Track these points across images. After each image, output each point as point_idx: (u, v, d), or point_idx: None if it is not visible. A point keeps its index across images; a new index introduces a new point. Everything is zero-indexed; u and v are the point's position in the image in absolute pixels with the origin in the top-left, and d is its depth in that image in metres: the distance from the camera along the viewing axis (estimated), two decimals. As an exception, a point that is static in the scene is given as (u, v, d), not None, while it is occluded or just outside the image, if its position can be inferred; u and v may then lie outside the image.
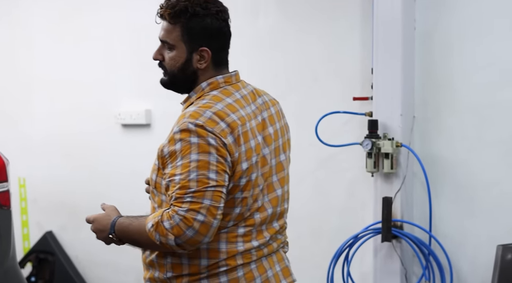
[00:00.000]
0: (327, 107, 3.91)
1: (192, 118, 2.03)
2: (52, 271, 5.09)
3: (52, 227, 5.32)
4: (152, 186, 2.17)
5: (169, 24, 2.15)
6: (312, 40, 4.04)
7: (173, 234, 1.95)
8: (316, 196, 4.09)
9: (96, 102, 5.02)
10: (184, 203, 1.95)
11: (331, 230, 4.04)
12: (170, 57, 2.17)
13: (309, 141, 3.92)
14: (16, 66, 5.46)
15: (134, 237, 2.10)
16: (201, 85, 2.18)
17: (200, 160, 1.98)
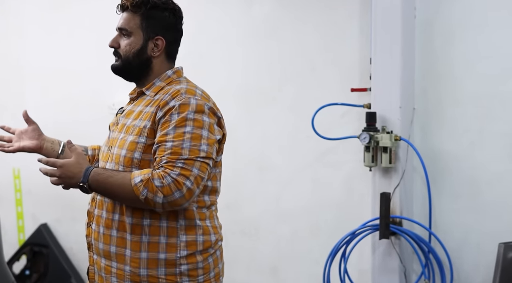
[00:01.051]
0: (325, 98, 3.78)
1: (190, 94, 2.20)
2: (46, 264, 5.00)
3: (47, 219, 5.23)
4: (134, 164, 2.20)
5: (130, 13, 2.32)
6: (308, 29, 3.91)
7: (162, 193, 2.06)
8: (313, 190, 3.97)
9: (90, 92, 4.90)
10: (176, 167, 2.08)
11: (329, 226, 3.92)
12: (126, 43, 2.32)
13: (306, 133, 3.80)
14: (8, 55, 5.36)
15: (112, 188, 2.14)
16: (167, 73, 2.35)
17: (194, 133, 2.13)
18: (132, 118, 2.29)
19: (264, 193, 4.15)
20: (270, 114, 4.09)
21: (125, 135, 2.26)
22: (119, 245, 2.24)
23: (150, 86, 2.33)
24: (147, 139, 2.20)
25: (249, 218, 4.23)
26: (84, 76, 4.93)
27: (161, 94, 2.26)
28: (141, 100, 2.33)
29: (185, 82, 2.32)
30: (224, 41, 4.23)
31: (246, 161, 4.19)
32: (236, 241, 4.27)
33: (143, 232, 2.21)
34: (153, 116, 2.20)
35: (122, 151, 2.23)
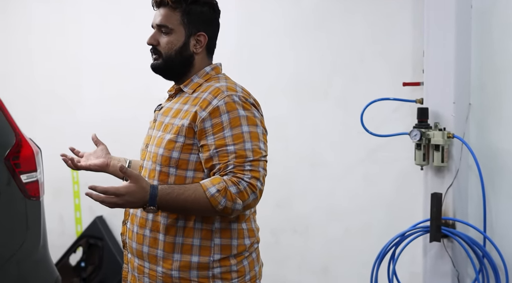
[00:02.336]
0: (375, 92, 3.64)
1: (232, 91, 2.13)
2: (101, 257, 5.02)
3: (103, 212, 5.26)
4: (172, 164, 2.15)
5: (169, 9, 2.21)
6: (358, 21, 3.75)
7: (240, 199, 2.02)
8: (364, 188, 3.83)
9: (142, 87, 4.88)
10: (245, 171, 2.04)
11: (380, 225, 3.78)
12: (167, 41, 2.22)
13: (357, 129, 3.64)
14: (65, 50, 5.40)
15: (185, 205, 2.06)
16: (205, 69, 2.26)
17: (251, 131, 2.09)
18: (170, 116, 2.22)
19: (315, 190, 4.03)
20: (320, 109, 3.96)
21: (163, 134, 2.19)
22: (152, 246, 2.18)
23: (188, 82, 2.25)
24: (185, 138, 2.13)
25: (300, 216, 4.12)
26: (137, 70, 4.90)
27: (199, 92, 2.19)
28: (179, 98, 2.26)
29: (224, 79, 2.25)
30: (274, 33, 4.12)
31: (297, 158, 4.08)
32: (287, 239, 4.18)
33: (177, 233, 2.15)
34: (192, 115, 2.12)
35: (160, 150, 2.17)
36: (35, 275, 3.35)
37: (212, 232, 2.15)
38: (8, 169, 3.14)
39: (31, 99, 5.67)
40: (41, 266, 3.38)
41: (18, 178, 3.18)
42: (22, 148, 3.25)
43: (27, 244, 3.25)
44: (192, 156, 2.13)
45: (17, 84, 5.77)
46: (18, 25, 5.74)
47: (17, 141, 3.22)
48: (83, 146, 5.28)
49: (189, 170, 2.13)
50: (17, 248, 3.21)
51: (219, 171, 2.06)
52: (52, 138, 5.52)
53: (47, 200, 5.57)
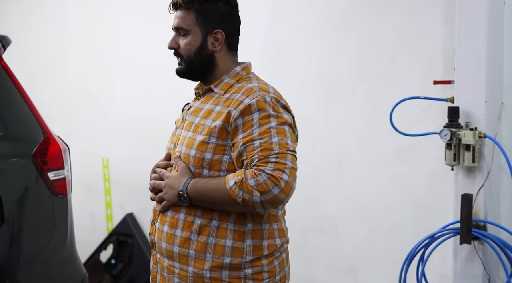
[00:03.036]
0: (405, 91, 3.57)
1: (264, 91, 2.12)
2: (131, 254, 5.04)
3: (133, 209, 5.28)
4: (205, 165, 2.14)
5: (183, 10, 2.22)
6: (387, 18, 3.69)
7: (259, 191, 1.98)
8: (393, 188, 3.76)
9: (173, 85, 4.86)
10: (269, 163, 2.00)
11: (409, 225, 3.71)
12: (185, 43, 2.22)
13: (386, 128, 3.57)
14: (98, 48, 5.43)
15: (210, 196, 2.09)
16: (236, 70, 2.25)
17: (279, 128, 2.07)
18: (200, 116, 2.19)
19: (343, 189, 3.98)
20: (348, 107, 3.90)
21: (194, 134, 2.17)
22: (183, 246, 2.16)
23: (219, 82, 2.23)
24: (218, 139, 2.12)
25: (328, 216, 4.07)
26: (168, 68, 4.88)
27: (231, 93, 2.18)
28: (209, 97, 2.24)
29: (255, 80, 2.23)
30: (303, 31, 4.07)
31: (324, 157, 4.03)
32: (315, 239, 4.14)
33: (210, 233, 2.13)
34: (225, 116, 2.11)
35: (192, 151, 2.15)
36: (62, 273, 3.36)
37: (244, 233, 2.14)
38: (35, 166, 3.15)
39: (65, 98, 5.73)
40: (68, 263, 3.39)
41: (45, 175, 3.19)
42: (50, 145, 3.26)
43: (54, 241, 3.26)
44: (225, 157, 2.12)
45: (51, 83, 5.84)
46: (52, 23, 5.80)
47: (44, 138, 3.23)
48: (114, 144, 5.35)
49: (222, 171, 2.12)
50: (44, 246, 3.23)
51: (246, 166, 2.05)
52: (85, 136, 5.57)
53: (78, 197, 5.66)
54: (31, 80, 5.92)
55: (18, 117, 3.21)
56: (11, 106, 3.20)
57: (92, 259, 5.25)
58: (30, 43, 5.99)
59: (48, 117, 5.76)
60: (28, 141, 3.19)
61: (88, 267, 5.17)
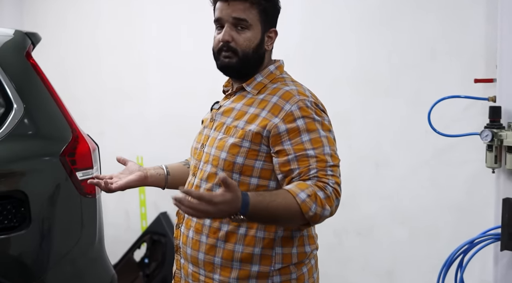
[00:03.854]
0: (445, 89, 3.44)
1: (303, 96, 2.04)
2: (164, 253, 4.99)
3: (167, 208, 5.23)
4: (235, 169, 2.04)
5: (247, 3, 2.07)
6: (427, 15, 3.56)
7: (328, 204, 1.91)
8: (431, 190, 3.63)
9: (208, 80, 4.80)
10: (328, 175, 1.94)
11: (448, 229, 3.58)
12: (245, 38, 2.08)
13: (425, 127, 3.45)
14: (132, 45, 5.41)
15: (276, 213, 1.88)
16: (269, 68, 2.15)
17: (328, 137, 2.01)
18: (232, 118, 2.10)
19: (379, 190, 3.86)
20: (386, 105, 3.78)
21: (225, 136, 2.08)
22: (208, 253, 2.08)
23: (251, 81, 2.13)
24: (251, 144, 2.02)
25: (364, 217, 3.95)
26: (202, 65, 4.84)
27: (266, 94, 2.08)
28: (241, 97, 2.14)
29: (290, 81, 2.15)
30: (339, 26, 3.96)
31: (360, 156, 3.91)
32: (351, 241, 4.03)
33: (237, 241, 2.05)
34: (261, 121, 2.02)
35: (222, 154, 2.06)
36: (91, 273, 3.32)
37: (274, 241, 2.05)
38: (63, 166, 3.11)
39: (99, 95, 5.72)
40: (96, 263, 3.35)
41: (73, 175, 3.15)
42: (79, 144, 3.21)
43: (82, 241, 3.22)
44: (258, 163, 2.03)
45: (85, 80, 5.84)
46: (87, 20, 5.80)
47: (73, 137, 3.18)
48: (148, 142, 5.31)
49: (253, 177, 2.04)
50: (73, 246, 3.18)
51: (299, 176, 1.95)
52: (119, 134, 5.55)
53: (113, 195, 5.63)
54: (66, 77, 5.95)
55: (46, 116, 3.16)
56: (39, 105, 3.15)
57: (126, 258, 5.22)
58: (65, 41, 6.01)
59: (82, 114, 5.81)
60: (56, 140, 3.14)
61: (122, 266, 5.16)
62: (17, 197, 2.95)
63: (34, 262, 3.04)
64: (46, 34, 6.14)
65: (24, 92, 3.09)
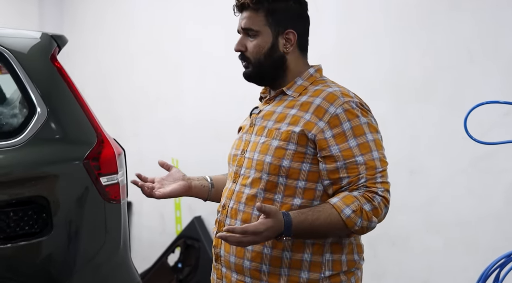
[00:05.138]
0: (484, 93, 3.28)
1: (348, 97, 2.01)
2: (197, 258, 4.94)
3: (201, 212, 5.18)
4: (282, 173, 2.01)
5: (252, 11, 2.09)
6: (465, 17, 3.40)
7: (375, 216, 1.92)
8: (468, 199, 3.47)
9: (241, 84, 4.70)
10: (378, 183, 1.93)
11: (487, 241, 3.41)
12: (254, 45, 2.09)
13: (462, 134, 3.25)
14: (167, 48, 5.39)
15: (320, 230, 1.94)
16: (309, 71, 2.13)
17: (375, 139, 1.99)
18: (274, 121, 2.07)
19: (414, 199, 3.72)
20: (420, 110, 3.64)
21: (268, 139, 2.05)
22: (255, 260, 2.03)
23: (292, 85, 2.11)
24: (297, 146, 2.00)
25: (398, 227, 3.81)
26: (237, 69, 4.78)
27: (308, 96, 2.06)
28: (282, 101, 2.11)
29: (331, 82, 2.12)
30: (372, 28, 3.84)
31: (394, 162, 3.75)
32: (385, 251, 3.90)
33: (284, 247, 2.00)
34: (305, 123, 2.00)
35: (267, 157, 2.02)
36: (115, 279, 3.27)
37: (323, 247, 2.02)
38: (87, 171, 3.06)
39: (134, 98, 5.71)
40: (121, 269, 3.30)
41: (97, 180, 3.10)
42: (103, 149, 3.16)
43: (106, 247, 3.17)
44: (304, 165, 2.00)
45: (121, 83, 5.84)
46: (123, 23, 5.81)
47: (98, 141, 3.14)
48: (184, 145, 5.26)
49: (300, 180, 2.01)
50: (96, 252, 3.15)
51: (349, 185, 1.95)
52: (154, 136, 5.53)
53: (149, 199, 5.60)
54: (103, 78, 5.97)
55: (70, 120, 3.12)
56: (63, 108, 3.12)
57: (160, 262, 5.19)
58: (102, 42, 6.04)
59: (118, 115, 5.82)
60: (80, 144, 3.10)
61: (156, 270, 5.14)
62: (39, 202, 2.92)
63: (56, 268, 3.02)
64: (84, 35, 6.21)
65: (48, 96, 3.06)
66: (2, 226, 2.83)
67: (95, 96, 5.97)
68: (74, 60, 6.33)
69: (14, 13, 6.20)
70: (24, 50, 3.11)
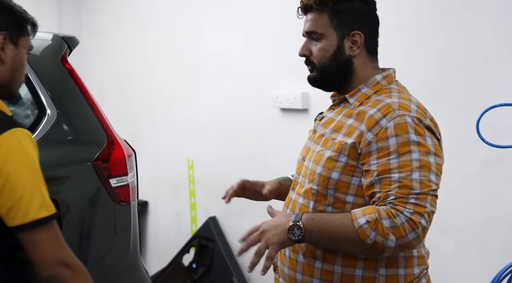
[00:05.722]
0: (498, 96, 3.22)
1: (405, 110, 1.88)
2: (211, 259, 4.93)
3: (216, 212, 5.16)
4: (330, 185, 1.93)
5: (315, 12, 2.00)
6: (480, 16, 3.34)
7: (395, 235, 1.77)
8: (482, 203, 3.42)
9: (257, 85, 4.72)
10: (408, 204, 1.79)
11: (499, 246, 3.36)
12: (319, 48, 2.00)
13: (476, 136, 3.22)
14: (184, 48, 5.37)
15: (333, 234, 1.84)
16: (375, 78, 2.02)
17: (422, 160, 1.83)
18: (331, 129, 2.00)
19: (427, 202, 3.67)
20: (433, 111, 3.53)
21: (323, 149, 1.98)
22: (306, 273, 1.99)
23: (355, 92, 2.01)
24: (348, 159, 1.91)
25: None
26: (251, 67, 4.77)
27: (366, 106, 1.95)
28: (343, 108, 2.03)
29: (396, 92, 1.98)
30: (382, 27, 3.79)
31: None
32: (397, 253, 3.85)
33: (335, 261, 1.94)
34: (358, 135, 1.90)
35: (318, 168, 1.96)
36: (125, 281, 3.28)
37: (377, 261, 1.92)
38: (96, 173, 3.07)
39: (151, 98, 5.71)
40: (131, 271, 3.31)
41: (107, 182, 3.11)
42: (113, 150, 3.17)
43: (115, 249, 3.18)
44: (354, 179, 1.92)
45: (139, 83, 5.85)
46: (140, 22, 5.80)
47: (108, 143, 3.15)
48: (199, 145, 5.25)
49: (349, 194, 1.93)
50: (106, 253, 3.16)
51: (378, 200, 1.83)
52: (171, 137, 5.53)
53: (166, 197, 5.64)
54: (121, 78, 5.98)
55: (80, 121, 3.14)
56: (73, 110, 3.13)
57: (174, 262, 5.19)
58: (120, 42, 6.05)
59: (136, 115, 5.83)
60: (90, 146, 3.11)
61: (171, 270, 5.14)
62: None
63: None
64: (102, 36, 6.23)
65: (58, 98, 3.07)
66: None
67: (113, 96, 6.00)
68: (93, 60, 6.37)
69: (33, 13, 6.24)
70: (35, 52, 3.10)
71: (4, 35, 1.86)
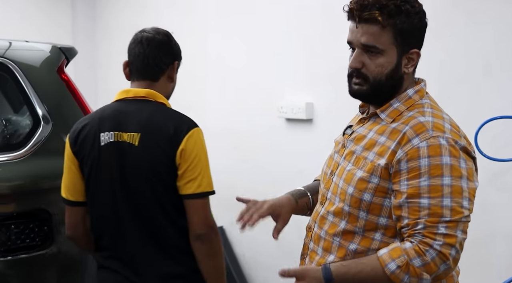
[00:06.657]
0: (499, 108, 3.19)
1: (439, 131, 1.81)
2: (218, 269, 4.89)
3: (224, 222, 5.13)
4: (362, 207, 1.89)
5: (378, 26, 1.86)
6: (483, 26, 3.29)
7: (427, 272, 1.74)
8: (483, 217, 3.34)
9: (262, 95, 4.71)
10: (438, 234, 1.74)
11: (501, 261, 3.30)
12: (377, 64, 1.89)
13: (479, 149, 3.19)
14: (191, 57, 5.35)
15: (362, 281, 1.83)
16: (407, 93, 1.94)
17: (454, 185, 1.76)
18: (362, 147, 1.94)
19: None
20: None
21: (354, 168, 1.93)
22: None
23: (387, 107, 1.94)
24: (380, 180, 1.86)
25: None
26: (257, 78, 4.75)
27: (399, 123, 1.89)
28: (375, 124, 1.96)
29: (429, 108, 1.91)
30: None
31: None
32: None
33: None
34: (390, 154, 1.84)
35: (349, 188, 1.91)
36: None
37: None
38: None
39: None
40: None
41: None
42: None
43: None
44: (387, 201, 1.86)
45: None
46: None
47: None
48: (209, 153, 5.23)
49: (382, 216, 1.88)
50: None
51: (406, 227, 1.79)
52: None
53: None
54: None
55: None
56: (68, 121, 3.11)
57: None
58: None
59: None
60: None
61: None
62: (41, 215, 2.93)
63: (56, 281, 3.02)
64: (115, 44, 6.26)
65: (52, 109, 3.09)
66: (3, 238, 2.85)
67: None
68: (106, 68, 6.40)
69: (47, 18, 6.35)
70: (31, 63, 3.14)
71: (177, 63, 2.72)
